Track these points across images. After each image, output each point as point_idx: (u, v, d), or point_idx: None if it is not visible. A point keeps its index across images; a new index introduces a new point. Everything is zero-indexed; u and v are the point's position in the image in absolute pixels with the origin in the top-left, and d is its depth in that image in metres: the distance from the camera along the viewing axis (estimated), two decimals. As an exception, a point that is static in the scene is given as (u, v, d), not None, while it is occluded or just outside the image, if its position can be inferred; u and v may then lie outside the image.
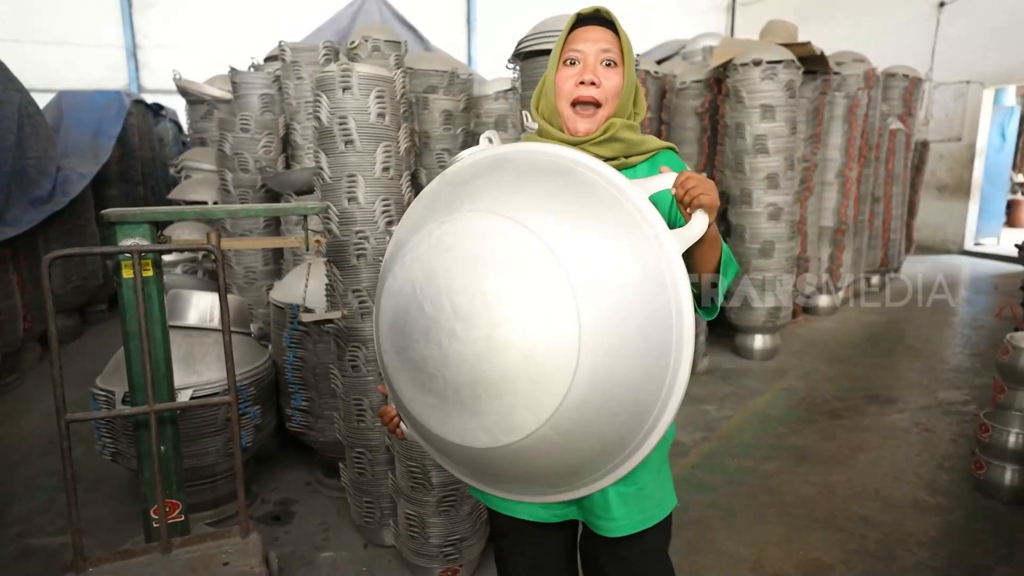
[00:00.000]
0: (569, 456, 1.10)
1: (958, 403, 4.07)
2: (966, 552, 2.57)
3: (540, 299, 1.01)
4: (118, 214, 1.90)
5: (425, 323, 1.09)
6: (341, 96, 2.40)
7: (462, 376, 1.07)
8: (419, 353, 1.11)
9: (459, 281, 1.06)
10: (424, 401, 1.14)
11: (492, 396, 1.05)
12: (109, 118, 6.10)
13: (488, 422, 1.07)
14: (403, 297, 1.13)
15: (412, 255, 1.14)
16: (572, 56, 1.30)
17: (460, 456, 1.19)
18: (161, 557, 2.02)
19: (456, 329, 1.05)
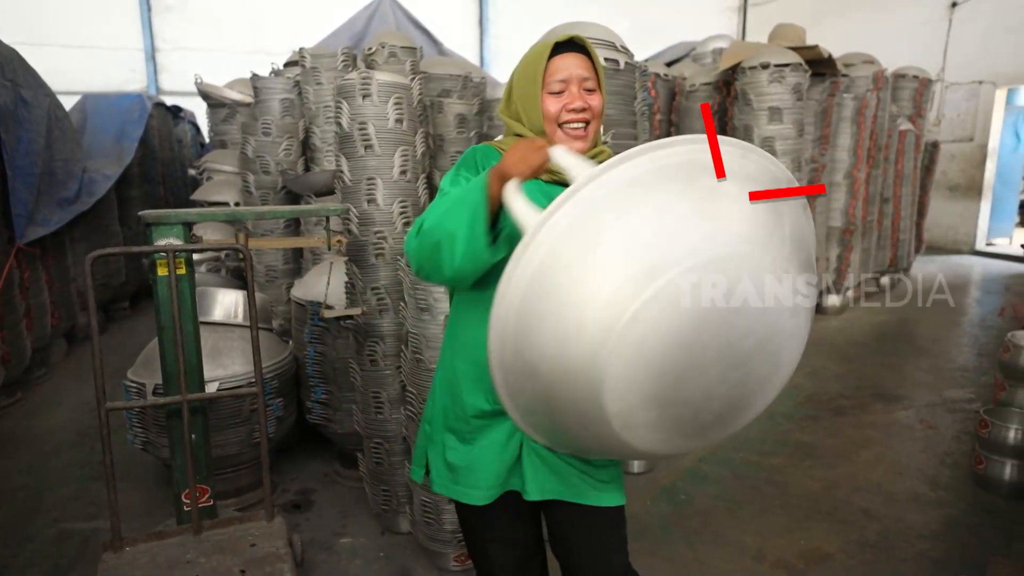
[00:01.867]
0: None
1: (962, 401, 4.13)
2: (964, 544, 2.65)
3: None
4: (155, 216, 2.03)
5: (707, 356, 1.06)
6: (361, 103, 2.51)
7: (717, 405, 1.13)
8: (697, 385, 1.08)
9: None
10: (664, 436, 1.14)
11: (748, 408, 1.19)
12: (132, 121, 6.27)
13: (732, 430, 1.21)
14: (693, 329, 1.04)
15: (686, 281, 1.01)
16: (557, 87, 1.37)
17: (604, 442, 1.17)
18: (192, 538, 2.15)
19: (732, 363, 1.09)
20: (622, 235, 0.99)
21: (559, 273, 1.01)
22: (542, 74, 1.39)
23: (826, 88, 5.39)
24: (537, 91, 1.39)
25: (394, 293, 2.59)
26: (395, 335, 2.62)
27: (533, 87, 1.39)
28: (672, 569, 2.52)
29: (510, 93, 1.47)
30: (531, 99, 1.40)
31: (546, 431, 1.23)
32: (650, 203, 1.00)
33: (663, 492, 3.07)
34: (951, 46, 9.47)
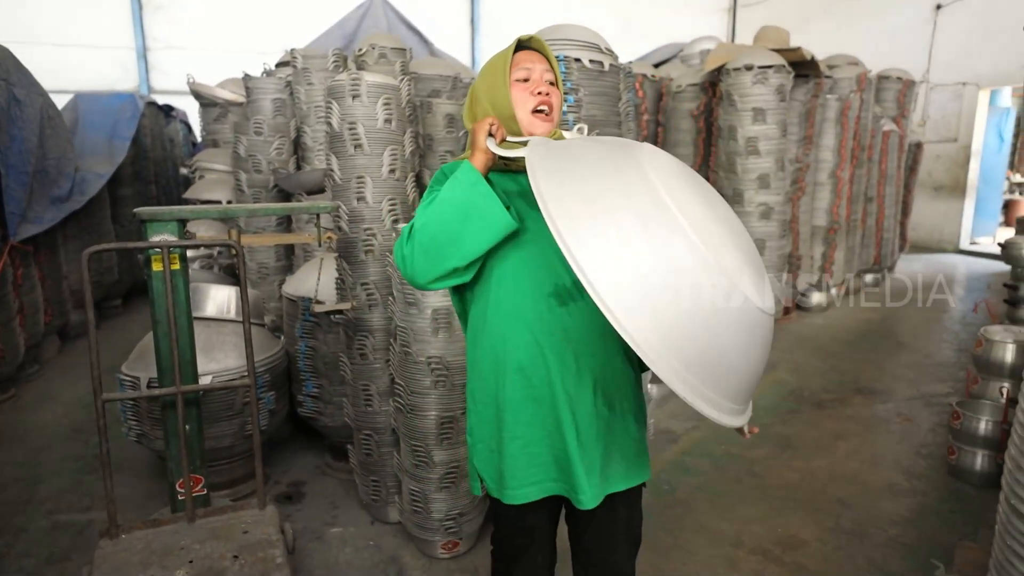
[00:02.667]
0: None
1: (940, 395, 4.23)
2: (935, 530, 2.75)
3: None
4: (150, 213, 2.10)
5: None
6: (351, 103, 2.58)
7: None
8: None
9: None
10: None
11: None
12: (124, 120, 6.30)
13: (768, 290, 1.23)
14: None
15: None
16: (524, 75, 1.48)
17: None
18: (187, 526, 2.22)
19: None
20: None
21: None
22: (508, 66, 1.48)
23: (810, 89, 5.49)
24: (505, 81, 1.47)
25: (383, 288, 2.66)
26: (384, 329, 2.69)
27: (500, 79, 1.48)
28: (653, 556, 2.60)
29: (473, 99, 1.55)
30: (499, 90, 1.48)
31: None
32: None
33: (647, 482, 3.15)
34: (936, 48, 9.62)
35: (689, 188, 1.19)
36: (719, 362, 1.13)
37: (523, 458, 1.44)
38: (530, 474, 1.45)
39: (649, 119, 5.46)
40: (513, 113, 1.47)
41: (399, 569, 2.53)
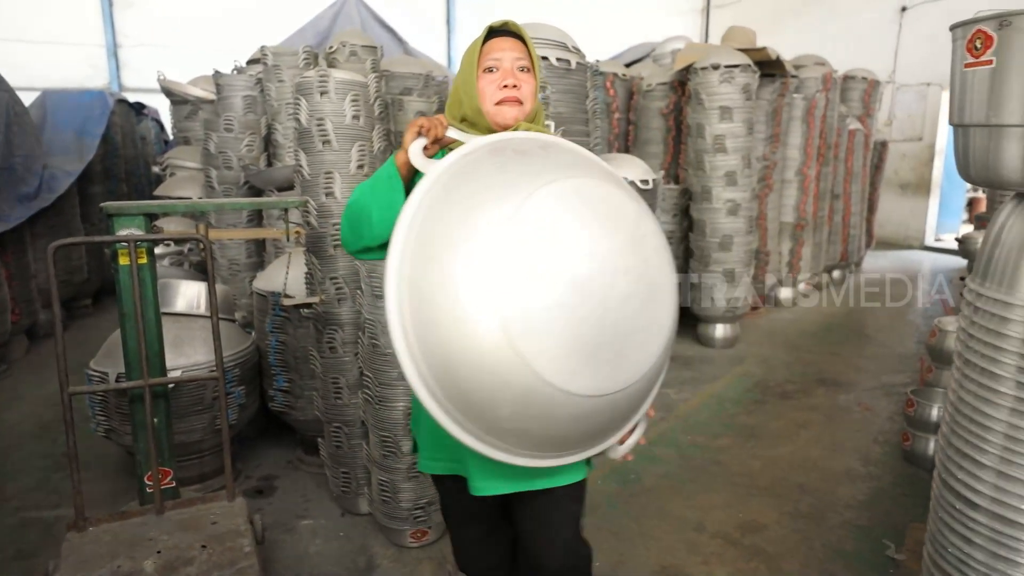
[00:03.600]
0: (625, 408, 1.33)
1: (899, 385, 4.37)
2: (888, 513, 2.85)
3: (663, 249, 1.29)
4: (116, 207, 2.11)
5: (599, 283, 1.16)
6: (319, 100, 2.61)
7: (622, 325, 1.19)
8: (591, 312, 1.16)
9: (607, 239, 1.19)
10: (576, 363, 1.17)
11: (638, 342, 1.23)
12: (93, 117, 6.24)
13: (623, 367, 1.21)
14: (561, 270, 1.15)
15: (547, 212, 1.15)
16: (491, 64, 1.46)
17: (554, 414, 1.21)
18: (155, 518, 2.24)
19: (622, 283, 1.18)
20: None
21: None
22: (477, 56, 1.47)
23: (776, 88, 5.61)
24: (473, 72, 1.47)
25: (352, 282, 2.69)
26: (353, 323, 2.73)
27: (469, 70, 1.48)
28: (617, 542, 2.67)
29: (453, 90, 1.54)
30: (469, 82, 1.47)
31: (483, 421, 1.23)
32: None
33: (614, 472, 3.22)
34: (901, 49, 9.84)
35: (586, 229, 1.18)
36: (495, 418, 1.20)
37: (431, 436, 1.56)
38: (436, 451, 1.57)
39: (620, 117, 5.54)
40: (479, 105, 1.47)
41: (369, 559, 2.57)
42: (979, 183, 1.49)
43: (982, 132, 1.41)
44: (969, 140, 1.46)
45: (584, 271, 1.15)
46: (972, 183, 1.51)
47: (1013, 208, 1.48)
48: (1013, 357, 1.46)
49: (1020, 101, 1.31)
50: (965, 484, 1.59)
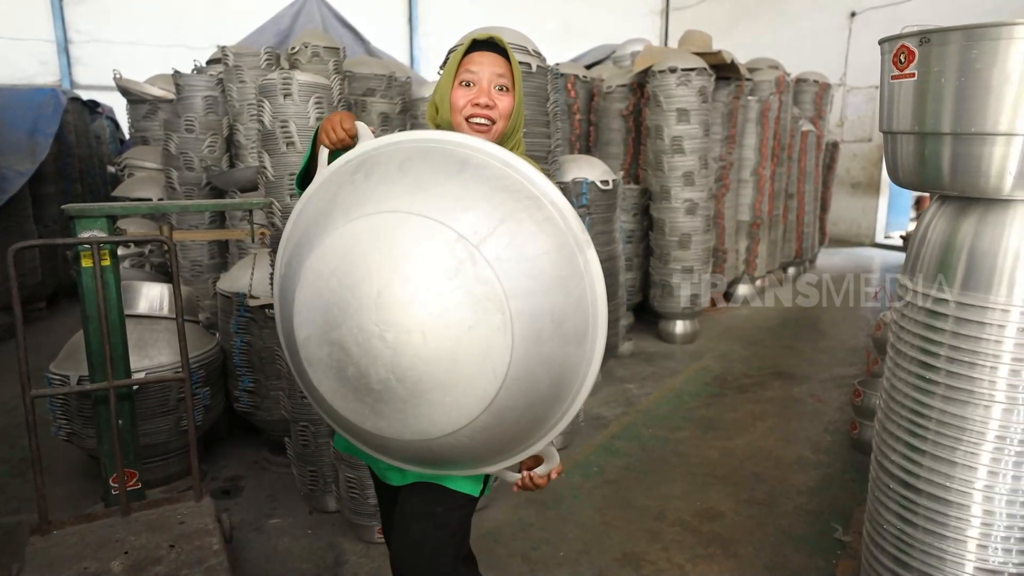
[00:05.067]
0: (483, 445, 1.20)
1: (850, 377, 4.55)
2: (836, 498, 3.00)
3: (472, 303, 1.07)
4: (78, 209, 2.11)
5: (358, 325, 1.13)
6: (282, 102, 2.64)
7: (398, 375, 1.11)
8: (351, 353, 1.15)
9: (388, 284, 1.10)
10: (345, 396, 1.22)
11: (420, 396, 1.12)
12: (46, 116, 6.09)
13: (416, 418, 1.14)
14: (333, 303, 1.17)
15: (332, 253, 1.17)
16: (468, 78, 1.42)
17: (369, 438, 1.29)
18: (121, 519, 2.24)
19: (387, 334, 1.10)
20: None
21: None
22: (456, 67, 1.44)
23: (731, 91, 5.78)
24: (449, 83, 1.44)
25: (318, 283, 2.72)
26: (319, 323, 2.76)
27: (447, 80, 1.45)
28: (581, 532, 2.76)
29: (432, 96, 1.51)
30: (444, 92, 1.45)
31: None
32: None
33: (577, 465, 3.31)
34: (851, 52, 10.19)
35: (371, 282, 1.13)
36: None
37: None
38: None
39: (581, 119, 5.64)
40: (449, 118, 1.44)
41: (337, 555, 2.60)
42: (908, 186, 1.61)
43: (908, 139, 1.52)
44: (897, 146, 1.57)
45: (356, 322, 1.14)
46: (901, 186, 1.63)
47: (937, 209, 1.60)
48: (942, 348, 1.58)
49: (941, 111, 1.42)
50: (900, 467, 1.71)
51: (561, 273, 1.12)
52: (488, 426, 1.15)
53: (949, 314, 1.55)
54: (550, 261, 1.11)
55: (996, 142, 1.38)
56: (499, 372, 1.09)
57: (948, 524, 1.60)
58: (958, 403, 1.56)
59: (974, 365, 1.52)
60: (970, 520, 1.56)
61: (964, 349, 1.53)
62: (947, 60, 1.39)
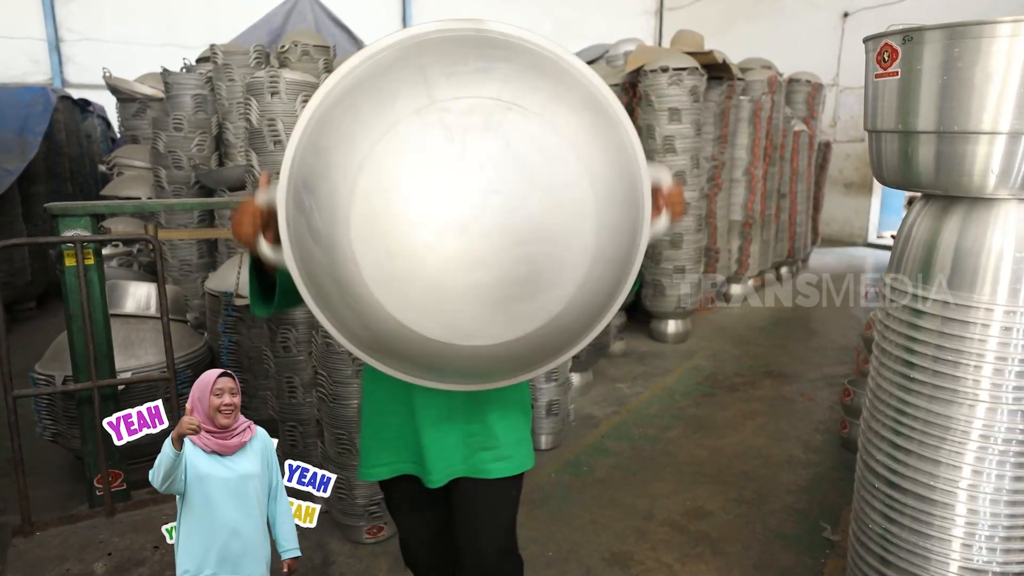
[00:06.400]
0: (546, 341, 1.20)
1: (840, 376, 4.56)
2: (825, 496, 3.01)
3: (567, 186, 1.10)
4: (61, 207, 2.09)
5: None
6: (270, 100, 2.62)
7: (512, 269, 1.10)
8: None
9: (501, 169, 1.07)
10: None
11: (533, 283, 1.11)
12: (35, 114, 6.05)
13: (520, 310, 1.12)
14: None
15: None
16: None
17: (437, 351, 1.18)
18: (105, 520, 2.22)
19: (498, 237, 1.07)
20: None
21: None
22: None
23: (723, 91, 5.78)
24: None
25: (305, 282, 2.71)
26: (307, 322, 2.75)
27: None
28: (570, 531, 2.75)
29: None
30: None
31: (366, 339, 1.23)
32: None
33: (567, 464, 3.31)
34: (844, 53, 10.21)
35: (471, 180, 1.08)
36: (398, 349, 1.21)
37: (374, 441, 1.60)
38: (380, 455, 1.60)
39: (574, 118, 5.64)
40: None
41: (325, 555, 2.59)
42: (891, 185, 1.61)
43: (892, 137, 1.52)
44: (882, 144, 1.57)
45: (455, 217, 1.07)
46: (885, 184, 1.63)
47: (921, 208, 1.60)
48: (927, 347, 1.58)
49: (924, 110, 1.42)
50: (885, 466, 1.71)
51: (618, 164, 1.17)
52: (583, 294, 1.16)
53: (933, 313, 1.55)
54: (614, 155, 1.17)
55: (979, 141, 1.38)
56: (587, 258, 1.13)
57: (933, 523, 1.60)
58: (942, 402, 1.55)
59: (958, 364, 1.51)
60: (955, 519, 1.56)
61: (948, 348, 1.53)
62: (930, 58, 1.39)
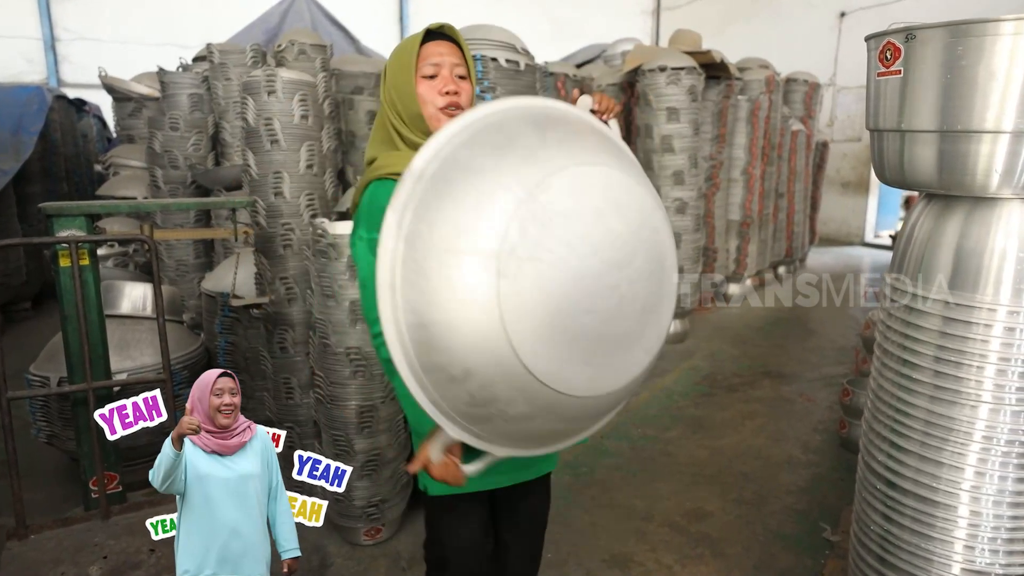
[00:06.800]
0: (617, 399, 1.26)
1: (839, 376, 4.56)
2: (825, 497, 3.00)
3: (667, 232, 1.18)
4: (56, 207, 2.07)
5: (600, 282, 1.07)
6: (266, 99, 2.60)
7: (627, 325, 1.13)
8: (592, 315, 1.08)
9: (611, 231, 1.08)
10: (576, 367, 1.10)
11: (635, 344, 1.15)
12: (30, 114, 6.01)
13: (617, 367, 1.15)
14: (563, 269, 1.04)
15: (539, 229, 1.03)
16: (431, 71, 1.43)
17: (561, 413, 1.16)
18: (101, 523, 2.21)
19: (626, 276, 1.09)
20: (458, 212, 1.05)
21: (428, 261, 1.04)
22: (415, 60, 1.42)
23: (721, 90, 5.78)
24: (410, 78, 1.42)
25: (302, 282, 2.69)
26: (304, 323, 2.73)
27: (406, 74, 1.42)
28: (569, 533, 2.74)
29: (385, 87, 1.48)
30: (405, 86, 1.42)
31: (501, 431, 1.19)
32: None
33: (566, 465, 3.29)
34: (841, 52, 10.22)
35: (603, 224, 1.08)
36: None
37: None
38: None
39: (571, 118, 5.63)
40: (420, 111, 1.43)
41: (323, 558, 2.57)
42: (893, 184, 1.60)
43: (894, 136, 1.51)
44: (883, 144, 1.56)
45: (593, 266, 1.06)
46: (887, 184, 1.62)
47: (923, 208, 1.59)
48: (928, 347, 1.57)
49: (926, 109, 1.41)
50: (886, 467, 1.70)
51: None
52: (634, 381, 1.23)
53: (935, 313, 1.54)
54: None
55: (982, 139, 1.37)
56: (669, 317, 1.23)
57: (935, 525, 1.59)
58: (945, 403, 1.54)
59: (961, 365, 1.50)
60: (957, 521, 1.55)
61: (951, 348, 1.52)
62: (933, 57, 1.38)
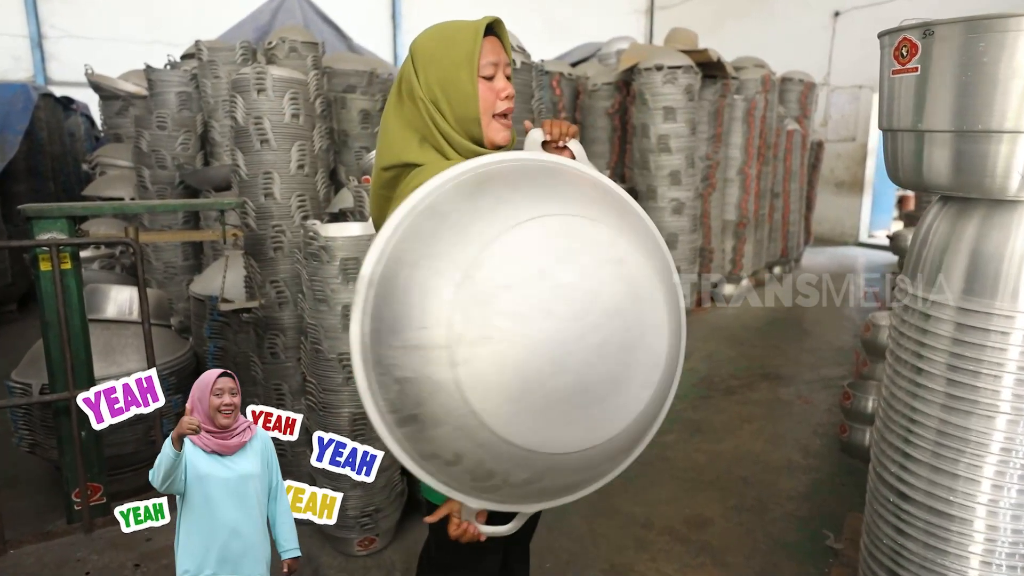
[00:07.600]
0: (629, 438, 1.18)
1: (837, 378, 4.52)
2: (827, 503, 2.95)
3: (636, 258, 1.10)
4: (36, 209, 1.99)
5: (562, 341, 1.02)
6: (256, 97, 2.53)
7: (606, 371, 1.07)
8: (572, 373, 1.04)
9: (560, 286, 1.02)
10: (561, 427, 1.07)
11: (624, 385, 1.10)
12: (15, 112, 5.91)
13: (609, 413, 1.09)
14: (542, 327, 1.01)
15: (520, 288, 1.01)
16: (491, 72, 1.26)
17: (566, 468, 1.14)
18: (83, 537, 2.13)
19: (590, 323, 1.03)
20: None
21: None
22: (476, 58, 1.23)
23: (718, 89, 5.73)
24: (472, 77, 1.23)
25: (293, 286, 2.62)
26: (295, 327, 2.66)
27: (466, 72, 1.23)
28: (568, 541, 2.68)
29: (424, 86, 1.26)
30: (463, 85, 1.23)
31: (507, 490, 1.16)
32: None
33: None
34: (835, 52, 10.20)
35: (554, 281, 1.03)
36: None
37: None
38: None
39: (567, 116, 5.57)
40: (478, 115, 1.25)
41: (315, 568, 2.50)
42: (907, 186, 1.54)
43: (910, 136, 1.45)
44: (898, 144, 1.51)
45: (548, 328, 1.02)
46: (901, 186, 1.56)
47: (939, 210, 1.53)
48: (942, 355, 1.52)
49: (944, 108, 1.36)
50: (898, 478, 1.64)
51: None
52: (652, 403, 1.16)
53: (951, 320, 1.49)
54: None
55: (1002, 140, 1.32)
56: (668, 343, 1.14)
57: (950, 539, 1.54)
58: (960, 413, 1.49)
59: (977, 374, 1.45)
60: (973, 535, 1.50)
61: (967, 357, 1.46)
62: (951, 54, 1.32)
